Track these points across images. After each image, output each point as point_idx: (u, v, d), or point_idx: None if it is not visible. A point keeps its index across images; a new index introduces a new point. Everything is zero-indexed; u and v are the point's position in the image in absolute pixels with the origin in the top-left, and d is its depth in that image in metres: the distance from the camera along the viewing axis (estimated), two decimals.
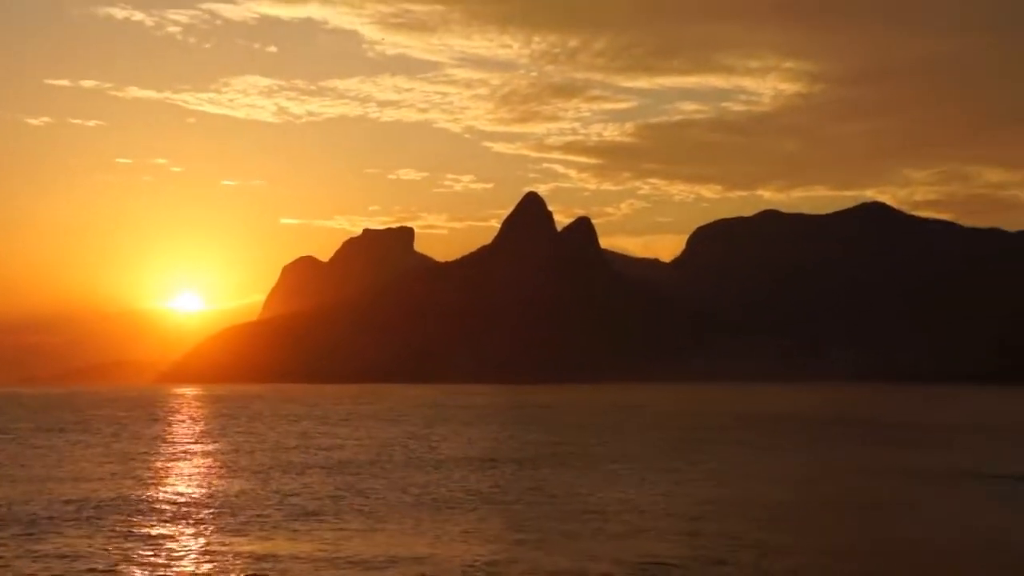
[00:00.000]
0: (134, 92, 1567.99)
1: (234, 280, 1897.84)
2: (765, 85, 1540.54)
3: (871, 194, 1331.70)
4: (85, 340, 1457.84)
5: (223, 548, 52.19)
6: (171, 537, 55.83)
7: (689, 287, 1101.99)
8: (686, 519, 61.17)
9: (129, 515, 63.54)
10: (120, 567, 48.16)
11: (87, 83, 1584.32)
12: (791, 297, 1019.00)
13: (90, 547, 52.28)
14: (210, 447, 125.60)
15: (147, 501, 71.13)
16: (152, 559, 49.65)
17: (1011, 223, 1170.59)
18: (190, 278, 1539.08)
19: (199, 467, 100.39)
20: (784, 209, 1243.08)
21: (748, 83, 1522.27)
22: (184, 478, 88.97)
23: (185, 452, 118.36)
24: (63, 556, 49.74)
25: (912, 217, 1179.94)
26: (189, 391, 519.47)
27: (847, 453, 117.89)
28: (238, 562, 48.65)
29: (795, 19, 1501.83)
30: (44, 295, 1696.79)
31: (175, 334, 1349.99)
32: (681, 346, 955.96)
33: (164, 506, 68.04)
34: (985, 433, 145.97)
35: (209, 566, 47.66)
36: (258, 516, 62.92)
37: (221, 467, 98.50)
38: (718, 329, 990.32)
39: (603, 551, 50.18)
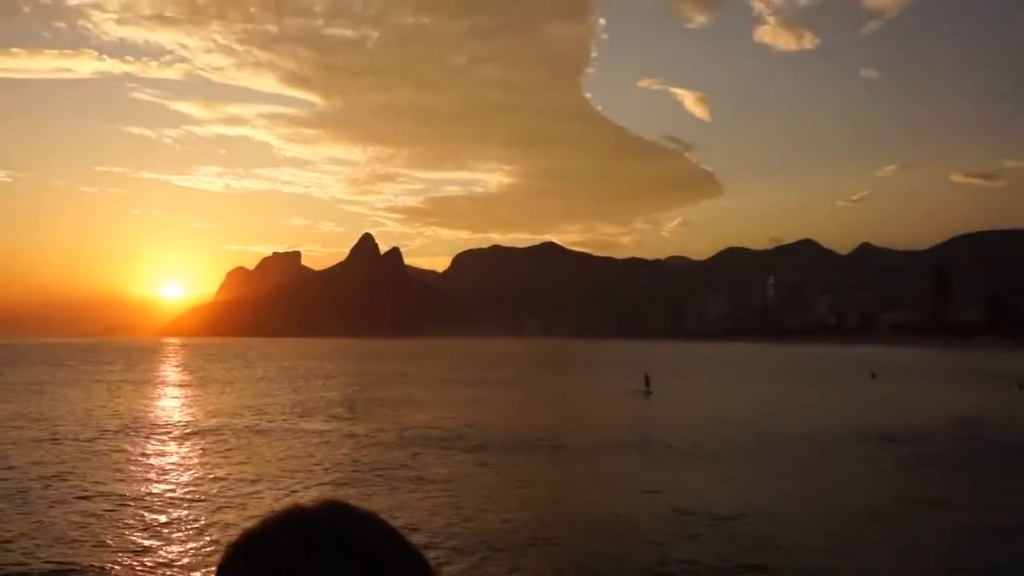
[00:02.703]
0: (144, 174, 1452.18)
1: (199, 278, 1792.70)
2: (493, 178, 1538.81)
3: (548, 236, 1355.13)
4: (105, 313, 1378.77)
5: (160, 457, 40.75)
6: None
7: (453, 287, 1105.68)
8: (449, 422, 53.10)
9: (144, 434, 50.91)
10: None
11: (117, 168, 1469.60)
12: (506, 293, 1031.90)
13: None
14: (184, 377, 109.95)
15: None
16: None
17: (618, 254, 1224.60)
18: (173, 277, 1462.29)
19: (173, 394, 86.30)
20: (503, 244, 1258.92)
21: (484, 176, 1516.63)
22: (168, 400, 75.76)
23: (169, 377, 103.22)
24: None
25: (569, 250, 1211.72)
26: (175, 341, 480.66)
27: (545, 375, 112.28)
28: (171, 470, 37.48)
29: (508, 143, 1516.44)
30: (82, 287, 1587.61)
31: (164, 309, 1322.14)
32: (447, 320, 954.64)
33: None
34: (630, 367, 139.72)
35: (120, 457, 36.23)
36: (188, 432, 50.74)
37: (191, 392, 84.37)
38: (468, 310, 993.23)
39: (389, 427, 42.22)
